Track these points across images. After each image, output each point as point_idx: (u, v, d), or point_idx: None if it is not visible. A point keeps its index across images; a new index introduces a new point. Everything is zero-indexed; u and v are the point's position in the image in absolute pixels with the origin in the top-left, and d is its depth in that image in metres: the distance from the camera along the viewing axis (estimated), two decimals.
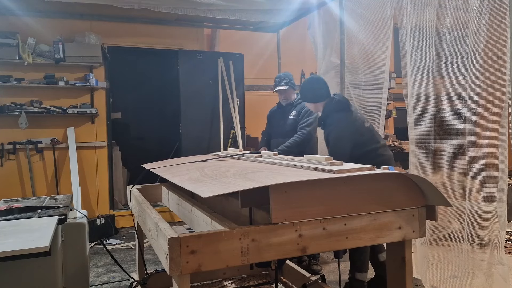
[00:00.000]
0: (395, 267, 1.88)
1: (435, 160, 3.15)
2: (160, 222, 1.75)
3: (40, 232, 1.90)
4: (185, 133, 5.95)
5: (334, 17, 4.55)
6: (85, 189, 5.41)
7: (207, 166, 2.40)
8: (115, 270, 3.95)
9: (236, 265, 1.55)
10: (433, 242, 3.26)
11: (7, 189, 4.99)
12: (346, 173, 1.66)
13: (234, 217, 1.93)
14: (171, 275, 1.47)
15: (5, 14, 4.97)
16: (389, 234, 1.74)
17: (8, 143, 5.09)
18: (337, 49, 4.54)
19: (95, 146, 5.54)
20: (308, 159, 2.01)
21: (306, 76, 7.72)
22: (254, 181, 1.65)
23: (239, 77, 6.18)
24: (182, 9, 4.77)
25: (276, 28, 6.10)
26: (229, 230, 1.51)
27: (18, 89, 5.11)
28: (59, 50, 5.08)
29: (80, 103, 5.37)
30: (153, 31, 5.86)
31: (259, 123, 6.95)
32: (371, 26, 3.93)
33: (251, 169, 2.03)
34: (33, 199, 2.93)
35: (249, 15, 5.14)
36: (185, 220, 2.27)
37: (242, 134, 5.99)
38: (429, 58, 3.14)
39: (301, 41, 6.72)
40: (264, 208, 1.70)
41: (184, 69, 5.91)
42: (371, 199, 1.70)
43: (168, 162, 2.91)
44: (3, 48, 4.84)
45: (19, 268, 2.05)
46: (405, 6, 3.35)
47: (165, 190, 2.89)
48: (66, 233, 2.46)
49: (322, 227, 1.62)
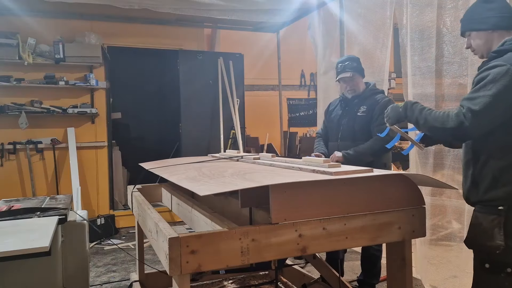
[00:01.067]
0: (395, 267, 1.88)
1: (435, 160, 3.15)
2: (160, 222, 1.75)
3: (40, 232, 1.90)
4: (185, 133, 5.95)
5: (334, 17, 4.55)
6: (85, 189, 5.41)
7: (204, 166, 2.41)
8: (115, 270, 3.95)
9: (236, 265, 1.55)
10: (433, 242, 3.26)
11: (7, 189, 4.99)
12: (343, 175, 1.66)
13: (234, 217, 1.93)
14: (171, 275, 1.47)
15: (5, 14, 4.97)
16: (389, 234, 1.74)
17: (8, 143, 5.09)
18: (337, 49, 4.55)
19: (95, 146, 5.54)
20: (307, 161, 2.02)
21: (306, 76, 7.74)
22: (252, 181, 1.65)
23: (239, 77, 6.18)
24: (182, 9, 4.78)
25: (276, 28, 6.11)
26: (229, 230, 1.51)
27: (18, 89, 5.11)
28: (59, 50, 5.08)
29: (80, 103, 5.38)
30: (153, 31, 5.86)
31: (259, 123, 6.99)
32: (371, 26, 3.94)
33: (249, 170, 2.04)
34: (33, 199, 2.93)
35: (249, 15, 5.14)
36: (185, 220, 2.27)
37: (242, 134, 5.99)
38: (430, 58, 3.14)
39: (301, 41, 6.73)
40: (264, 208, 1.70)
41: (184, 69, 5.91)
42: (371, 199, 1.70)
43: (166, 162, 2.91)
44: (3, 48, 4.84)
45: (19, 268, 2.05)
46: (405, 6, 3.36)
47: (165, 190, 2.89)
48: (66, 233, 2.46)
49: (322, 227, 1.62)
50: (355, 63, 2.99)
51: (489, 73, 1.60)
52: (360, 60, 3.07)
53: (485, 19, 1.78)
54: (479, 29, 1.80)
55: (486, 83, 1.58)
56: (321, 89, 5.05)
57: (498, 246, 1.60)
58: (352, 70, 2.95)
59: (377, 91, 3.01)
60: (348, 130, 2.95)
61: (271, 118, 6.83)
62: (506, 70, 1.57)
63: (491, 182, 1.63)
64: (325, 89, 4.89)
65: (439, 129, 1.65)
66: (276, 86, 6.69)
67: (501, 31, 1.76)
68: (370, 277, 3.06)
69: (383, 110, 2.11)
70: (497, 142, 1.64)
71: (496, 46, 1.74)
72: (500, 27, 1.76)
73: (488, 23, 1.77)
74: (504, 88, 1.55)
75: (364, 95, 2.98)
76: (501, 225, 1.59)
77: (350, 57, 3.09)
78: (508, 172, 1.61)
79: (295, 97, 7.66)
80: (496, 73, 1.58)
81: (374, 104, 2.88)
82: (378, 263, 3.05)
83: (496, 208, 1.61)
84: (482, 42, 1.80)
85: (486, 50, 1.79)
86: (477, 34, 1.81)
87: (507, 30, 1.76)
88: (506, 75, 1.56)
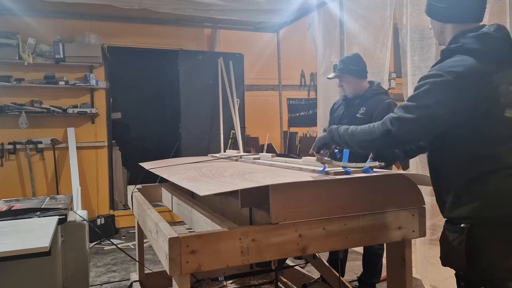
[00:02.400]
0: (395, 267, 1.89)
1: None
2: (160, 222, 1.75)
3: (40, 232, 1.90)
4: (185, 133, 5.95)
5: (334, 17, 4.55)
6: (85, 189, 5.41)
7: (204, 166, 2.41)
8: (115, 270, 3.95)
9: (236, 265, 1.55)
10: (433, 242, 3.26)
11: (7, 189, 4.99)
12: (343, 175, 1.67)
13: (234, 217, 1.93)
14: (171, 275, 1.47)
15: (5, 14, 4.96)
16: (389, 234, 1.74)
17: (8, 143, 5.09)
18: (337, 49, 4.55)
19: (95, 146, 5.54)
20: (306, 161, 2.02)
21: (306, 76, 7.74)
22: (252, 181, 1.65)
23: (239, 77, 6.18)
24: (182, 9, 4.77)
25: (276, 28, 6.11)
26: (229, 230, 1.51)
27: (18, 89, 5.11)
28: (59, 50, 5.08)
29: (80, 103, 5.37)
30: (153, 31, 5.86)
31: (259, 123, 6.99)
32: (371, 26, 3.93)
33: (249, 170, 2.04)
34: (33, 199, 2.93)
35: (249, 15, 5.14)
36: (185, 220, 2.27)
37: (242, 134, 5.99)
38: (430, 58, 3.14)
39: (301, 41, 6.73)
40: (264, 208, 1.70)
41: (184, 69, 5.91)
42: (371, 199, 1.70)
43: (166, 162, 2.91)
44: (3, 48, 4.84)
45: (19, 268, 2.05)
46: (405, 6, 3.36)
47: (165, 190, 2.89)
48: (66, 233, 2.46)
49: (322, 227, 1.62)
50: (342, 64, 2.92)
51: (426, 82, 1.49)
52: (359, 59, 2.96)
53: (438, 9, 1.62)
54: (434, 18, 1.67)
55: (422, 92, 1.49)
56: (321, 89, 5.05)
57: (461, 267, 1.52)
58: (339, 71, 2.91)
59: (379, 91, 2.92)
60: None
61: (271, 118, 6.83)
62: (441, 81, 1.46)
63: (455, 200, 1.53)
64: (325, 89, 4.89)
65: (368, 141, 1.57)
66: (276, 86, 6.69)
67: (455, 24, 1.59)
68: (370, 276, 3.06)
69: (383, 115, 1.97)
70: (453, 158, 1.55)
71: (450, 38, 1.60)
72: (452, 20, 1.60)
73: (441, 15, 1.63)
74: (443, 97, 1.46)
75: (366, 96, 2.90)
76: (463, 244, 1.48)
77: (344, 57, 3.06)
78: (469, 188, 1.50)
79: (295, 97, 7.66)
80: (432, 83, 1.48)
81: (374, 107, 2.80)
82: (379, 262, 3.05)
83: (459, 226, 1.50)
84: (437, 32, 1.67)
85: (441, 40, 1.67)
86: (433, 22, 1.68)
87: (462, 23, 1.58)
88: (441, 85, 1.46)
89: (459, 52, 1.53)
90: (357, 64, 2.92)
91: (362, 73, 2.94)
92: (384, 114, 2.60)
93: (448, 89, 1.46)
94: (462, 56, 1.51)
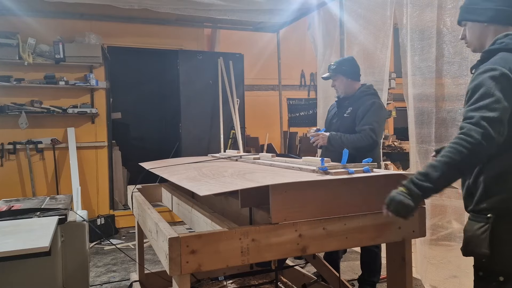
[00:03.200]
0: (395, 267, 1.89)
1: None
2: (160, 222, 1.75)
3: (40, 232, 1.90)
4: (185, 133, 5.95)
5: (334, 17, 4.55)
6: (85, 189, 5.41)
7: (205, 166, 2.41)
8: (115, 270, 3.95)
9: (236, 265, 1.55)
10: (433, 242, 3.26)
11: (7, 189, 4.99)
12: (343, 175, 1.66)
13: (234, 217, 1.93)
14: (171, 275, 1.47)
15: (5, 14, 4.96)
16: (389, 234, 1.74)
17: (8, 143, 5.09)
18: (337, 49, 4.55)
19: (95, 146, 5.54)
20: (306, 161, 2.02)
21: (306, 76, 7.74)
22: (252, 181, 1.65)
23: (239, 77, 6.18)
24: (182, 9, 4.77)
25: (276, 28, 6.11)
26: (229, 230, 1.51)
27: (18, 89, 5.11)
28: (59, 50, 5.08)
29: (80, 103, 5.37)
30: (153, 31, 5.86)
31: (259, 123, 6.99)
32: (371, 26, 3.94)
33: (249, 170, 2.04)
34: (33, 199, 2.93)
35: (249, 15, 5.14)
36: (185, 220, 2.27)
37: (242, 134, 5.99)
38: (430, 58, 3.14)
39: (301, 41, 6.74)
40: (264, 208, 1.70)
41: (184, 69, 5.91)
42: (371, 199, 1.70)
43: (166, 162, 2.91)
44: (3, 48, 4.84)
45: (19, 268, 2.05)
46: (405, 6, 3.36)
47: (165, 190, 2.89)
48: (66, 233, 2.46)
49: (322, 227, 1.62)
50: (336, 65, 3.01)
51: (485, 78, 1.48)
52: (352, 62, 3.05)
53: (482, 10, 1.64)
54: (475, 20, 1.67)
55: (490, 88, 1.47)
56: (321, 89, 5.05)
57: (484, 254, 1.55)
58: (333, 71, 3.02)
59: (367, 93, 2.98)
60: (336, 131, 2.96)
61: (271, 118, 6.83)
62: (500, 74, 1.47)
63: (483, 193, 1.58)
64: (325, 89, 4.89)
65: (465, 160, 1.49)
66: (276, 86, 6.69)
67: (497, 26, 1.61)
68: (370, 274, 3.05)
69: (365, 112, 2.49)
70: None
71: (490, 42, 1.63)
72: (496, 21, 1.61)
73: (485, 15, 1.63)
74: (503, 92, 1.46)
75: (355, 97, 2.99)
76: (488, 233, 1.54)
77: (339, 59, 3.16)
78: (498, 182, 1.55)
79: (295, 97, 7.67)
80: (492, 77, 1.48)
81: (358, 107, 2.90)
82: (377, 260, 3.05)
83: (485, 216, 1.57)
84: (476, 35, 1.68)
85: (479, 44, 1.67)
86: (472, 25, 1.68)
87: (504, 26, 1.61)
88: (501, 78, 1.47)
89: (503, 51, 1.55)
90: (350, 66, 3.03)
91: (354, 75, 3.03)
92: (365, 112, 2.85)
93: (506, 82, 1.47)
94: (505, 53, 1.53)
